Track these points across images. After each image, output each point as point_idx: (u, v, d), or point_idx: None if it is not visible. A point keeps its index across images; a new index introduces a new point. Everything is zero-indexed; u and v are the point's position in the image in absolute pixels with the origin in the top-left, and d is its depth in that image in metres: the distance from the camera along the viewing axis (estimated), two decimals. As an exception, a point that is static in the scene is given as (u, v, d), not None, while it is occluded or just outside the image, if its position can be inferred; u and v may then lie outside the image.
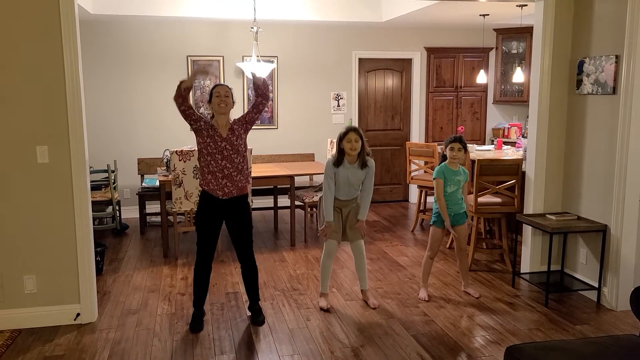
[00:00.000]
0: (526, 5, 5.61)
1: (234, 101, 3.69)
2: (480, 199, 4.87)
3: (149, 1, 6.25)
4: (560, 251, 4.56)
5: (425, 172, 6.27)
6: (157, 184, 5.74)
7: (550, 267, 4.18)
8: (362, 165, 3.92)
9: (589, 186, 4.27)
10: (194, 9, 6.37)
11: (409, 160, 6.34)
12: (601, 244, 4.10)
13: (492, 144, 7.16)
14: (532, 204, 4.56)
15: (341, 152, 3.89)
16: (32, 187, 3.65)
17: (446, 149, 4.16)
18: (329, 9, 6.73)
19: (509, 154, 6.10)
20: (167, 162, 5.53)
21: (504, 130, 7.73)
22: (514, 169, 4.87)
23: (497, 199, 4.95)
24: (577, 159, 4.38)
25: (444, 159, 4.20)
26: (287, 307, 4.12)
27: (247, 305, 4.02)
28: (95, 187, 5.98)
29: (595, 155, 4.20)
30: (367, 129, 7.74)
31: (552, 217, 4.31)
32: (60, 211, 3.71)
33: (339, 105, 7.53)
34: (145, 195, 6.15)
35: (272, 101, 7.29)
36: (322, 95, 7.47)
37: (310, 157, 7.02)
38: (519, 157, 5.29)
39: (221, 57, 7.04)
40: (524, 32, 7.01)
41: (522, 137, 7.22)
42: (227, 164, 3.62)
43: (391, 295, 4.35)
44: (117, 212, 6.16)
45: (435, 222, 4.21)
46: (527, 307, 4.09)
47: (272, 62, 6.99)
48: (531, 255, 4.62)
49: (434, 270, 4.77)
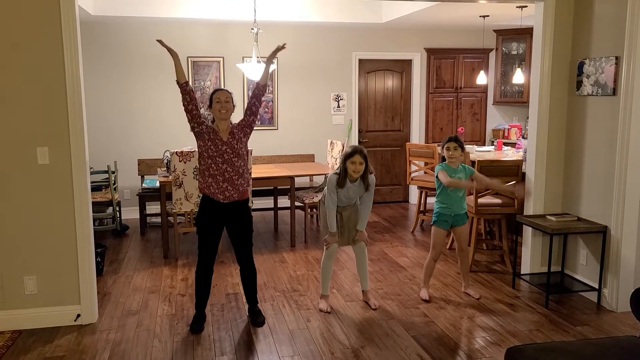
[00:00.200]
0: (526, 6, 5.61)
1: (234, 105, 3.70)
2: (480, 200, 4.87)
3: (149, 2, 6.25)
4: (560, 252, 4.56)
5: (425, 172, 6.27)
6: (158, 184, 5.74)
7: (550, 268, 4.18)
8: (365, 187, 3.93)
9: (589, 187, 4.27)
10: (194, 10, 6.38)
11: (409, 161, 6.35)
12: (601, 245, 4.10)
13: (492, 145, 7.17)
14: (532, 205, 4.56)
15: (344, 172, 3.88)
16: (32, 188, 3.65)
17: (443, 150, 4.19)
18: (329, 10, 6.73)
19: (509, 154, 6.11)
20: (167, 163, 5.53)
21: (504, 131, 7.73)
22: (514, 169, 4.88)
23: (497, 200, 4.95)
24: (577, 160, 4.38)
25: (443, 160, 4.23)
26: (288, 308, 4.12)
27: (247, 307, 4.02)
28: (95, 188, 5.98)
29: (595, 156, 4.20)
30: (367, 130, 7.75)
31: (552, 218, 4.31)
32: (60, 212, 3.71)
33: (339, 106, 7.53)
34: (145, 196, 6.15)
35: (272, 102, 7.29)
36: (322, 96, 7.47)
37: (310, 157, 7.02)
38: (519, 158, 5.30)
39: (221, 58, 7.04)
40: (524, 33, 7.01)
41: (522, 138, 7.21)
42: (227, 168, 3.62)
43: (391, 296, 4.35)
44: (118, 213, 6.17)
45: (436, 222, 4.22)
46: (527, 308, 4.10)
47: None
48: (531, 256, 4.61)
49: (435, 271, 4.77)
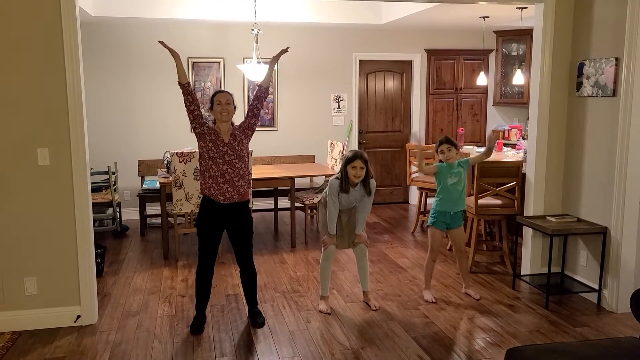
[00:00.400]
0: (526, 7, 5.61)
1: (235, 106, 3.70)
2: (480, 201, 4.87)
3: (149, 3, 6.26)
4: (560, 253, 4.56)
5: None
6: (158, 185, 5.74)
7: (550, 269, 4.18)
8: (367, 192, 3.94)
9: (589, 188, 4.27)
10: (194, 11, 6.38)
11: (409, 162, 6.35)
12: (601, 246, 4.10)
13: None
14: (532, 206, 4.56)
15: (345, 176, 3.88)
16: (32, 189, 3.65)
17: (437, 153, 4.20)
18: (329, 11, 6.74)
19: (509, 155, 6.10)
20: (167, 164, 5.53)
21: (504, 132, 7.73)
22: (514, 170, 4.88)
23: (497, 201, 4.95)
24: (577, 161, 4.38)
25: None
26: (288, 309, 4.12)
27: (247, 308, 4.02)
28: (95, 189, 5.98)
29: (595, 157, 4.20)
30: (367, 131, 7.75)
31: (553, 219, 4.31)
32: (60, 213, 3.71)
33: (339, 107, 7.53)
34: (145, 196, 6.15)
35: (273, 103, 7.29)
36: (323, 97, 7.47)
37: (310, 158, 7.02)
38: (519, 159, 5.30)
39: (222, 59, 7.04)
40: (524, 34, 7.01)
41: (522, 139, 7.21)
42: (228, 169, 3.63)
43: (391, 297, 4.35)
44: (118, 213, 6.16)
45: (434, 224, 4.22)
46: (527, 309, 4.10)
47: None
48: (531, 257, 4.61)
49: (434, 272, 4.76)
